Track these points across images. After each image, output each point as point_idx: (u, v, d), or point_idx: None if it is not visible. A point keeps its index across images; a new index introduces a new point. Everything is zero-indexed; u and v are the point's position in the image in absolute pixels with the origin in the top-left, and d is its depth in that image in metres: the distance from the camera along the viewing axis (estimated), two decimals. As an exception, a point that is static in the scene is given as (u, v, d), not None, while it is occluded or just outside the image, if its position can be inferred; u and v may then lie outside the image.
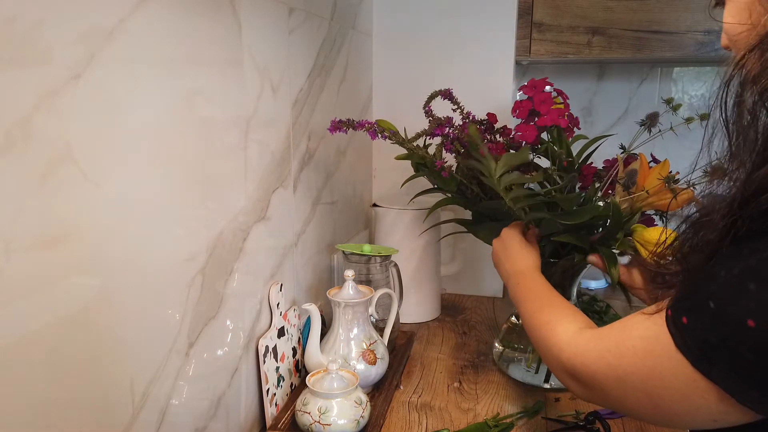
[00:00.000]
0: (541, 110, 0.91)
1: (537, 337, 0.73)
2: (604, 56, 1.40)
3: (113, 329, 0.58)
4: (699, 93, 1.79)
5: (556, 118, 0.90)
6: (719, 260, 0.47)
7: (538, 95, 0.92)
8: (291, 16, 0.95)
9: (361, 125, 0.97)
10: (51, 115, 0.49)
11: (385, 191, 1.49)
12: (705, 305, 0.46)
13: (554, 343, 0.67)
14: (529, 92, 0.93)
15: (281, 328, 0.95)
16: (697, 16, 1.35)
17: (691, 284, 0.49)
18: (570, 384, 0.64)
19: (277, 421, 0.90)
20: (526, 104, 0.93)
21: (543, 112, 0.91)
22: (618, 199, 0.90)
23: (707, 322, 0.46)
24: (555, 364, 0.67)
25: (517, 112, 0.94)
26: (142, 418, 0.63)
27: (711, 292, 0.46)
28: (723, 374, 0.46)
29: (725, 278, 0.45)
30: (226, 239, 0.78)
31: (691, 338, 0.47)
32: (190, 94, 0.69)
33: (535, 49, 1.41)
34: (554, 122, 0.90)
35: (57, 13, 0.49)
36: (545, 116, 0.91)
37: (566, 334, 0.66)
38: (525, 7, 1.39)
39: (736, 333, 0.44)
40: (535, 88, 0.93)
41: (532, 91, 0.93)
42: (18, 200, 0.46)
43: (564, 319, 0.69)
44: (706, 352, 0.46)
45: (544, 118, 0.91)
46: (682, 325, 0.48)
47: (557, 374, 0.67)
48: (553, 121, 0.90)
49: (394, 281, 1.18)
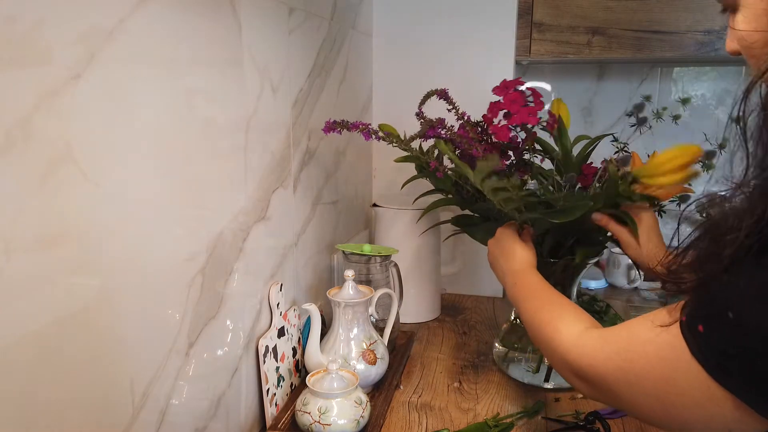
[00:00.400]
0: (511, 109, 0.92)
1: (540, 337, 0.72)
2: (604, 56, 1.40)
3: (113, 329, 0.58)
4: (699, 93, 1.79)
5: (526, 117, 0.91)
6: (739, 269, 0.46)
7: (508, 95, 0.93)
8: (291, 16, 0.95)
9: (355, 126, 0.97)
10: (51, 115, 0.49)
11: (385, 191, 1.49)
12: (723, 315, 0.45)
13: (559, 343, 0.66)
14: (500, 93, 0.94)
15: (281, 328, 0.95)
16: (697, 16, 1.35)
17: (708, 292, 0.48)
18: (578, 384, 0.63)
19: (277, 421, 0.90)
20: (499, 104, 0.94)
21: (513, 111, 0.92)
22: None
23: (725, 331, 0.45)
24: (561, 364, 0.66)
25: (488, 113, 0.96)
26: (142, 418, 0.63)
27: (730, 302, 0.45)
28: (740, 384, 0.45)
29: (745, 289, 0.44)
30: (226, 239, 0.78)
31: (707, 347, 0.46)
32: (190, 94, 0.69)
33: (535, 49, 1.41)
34: (524, 120, 0.91)
35: (57, 13, 0.49)
36: (515, 115, 0.92)
37: (571, 333, 0.65)
38: (525, 7, 1.39)
39: (755, 344, 0.43)
40: (506, 88, 0.94)
41: (502, 91, 0.94)
42: (18, 200, 0.46)
43: (567, 318, 0.68)
44: (722, 361, 0.46)
45: (515, 117, 0.92)
46: (698, 334, 0.47)
47: (563, 374, 0.66)
48: (523, 119, 0.91)
49: (394, 281, 1.18)
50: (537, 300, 0.77)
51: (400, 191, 1.17)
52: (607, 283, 1.58)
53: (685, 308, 0.50)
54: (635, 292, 1.56)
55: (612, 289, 1.56)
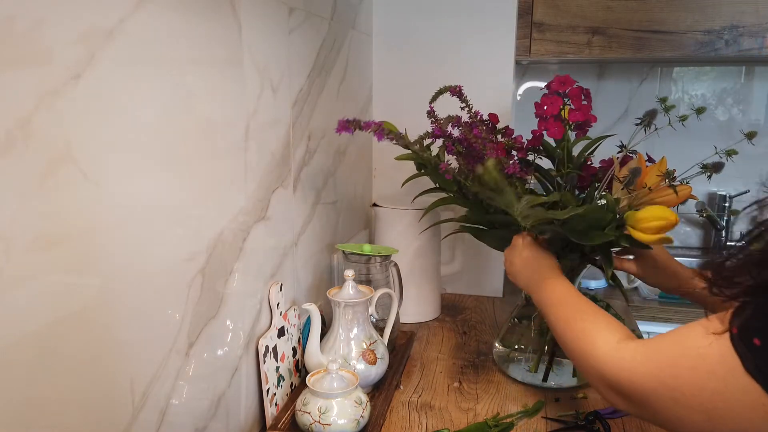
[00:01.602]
0: (575, 105, 0.89)
1: (573, 348, 0.69)
2: (604, 56, 1.40)
3: (113, 329, 0.58)
4: (699, 93, 1.79)
5: (588, 113, 0.89)
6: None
7: (573, 90, 0.90)
8: (291, 16, 0.95)
9: (368, 125, 0.96)
10: (51, 115, 0.49)
11: (385, 191, 1.49)
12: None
13: (594, 355, 0.63)
14: (561, 88, 0.90)
15: (281, 327, 0.95)
16: (697, 16, 1.35)
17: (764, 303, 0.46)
18: (614, 399, 0.61)
19: (277, 421, 0.90)
20: (557, 100, 0.90)
21: (576, 107, 0.89)
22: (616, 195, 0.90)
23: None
24: (595, 377, 0.63)
25: (545, 107, 0.91)
26: (142, 418, 0.63)
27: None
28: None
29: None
30: (226, 239, 0.78)
31: (763, 361, 0.44)
32: (190, 93, 0.69)
33: (535, 48, 1.41)
34: (587, 117, 0.89)
35: (57, 13, 0.49)
36: (577, 111, 0.89)
37: (607, 345, 0.62)
38: (525, 6, 1.40)
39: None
40: (564, 83, 0.90)
41: (562, 86, 0.90)
42: (18, 200, 0.46)
43: (602, 329, 0.65)
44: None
45: (576, 113, 0.89)
46: (754, 347, 0.45)
47: (598, 387, 0.63)
48: (586, 116, 0.89)
49: (394, 281, 1.18)
50: (569, 309, 0.74)
51: (400, 191, 1.17)
52: (607, 283, 1.58)
53: (734, 319, 0.47)
54: (635, 292, 1.57)
55: (612, 289, 1.56)
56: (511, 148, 1.00)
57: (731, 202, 1.78)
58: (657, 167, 0.88)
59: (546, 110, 0.91)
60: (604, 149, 1.02)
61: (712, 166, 0.85)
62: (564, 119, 0.90)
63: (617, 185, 0.91)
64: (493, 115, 1.04)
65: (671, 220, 0.81)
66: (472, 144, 0.93)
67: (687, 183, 0.88)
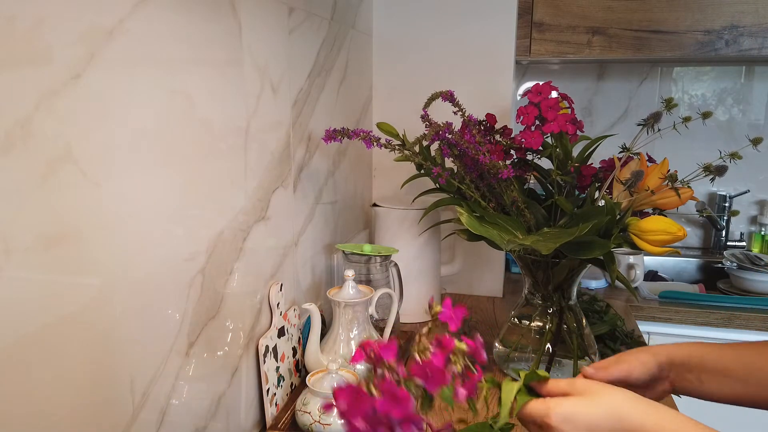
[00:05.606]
0: (548, 116, 0.89)
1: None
2: (604, 56, 1.40)
3: (113, 329, 0.58)
4: (699, 93, 1.79)
5: (564, 124, 0.89)
6: None
7: (545, 101, 0.89)
8: (291, 16, 0.95)
9: (356, 134, 0.96)
10: (51, 115, 0.49)
11: (385, 191, 1.49)
12: None
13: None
14: (535, 98, 0.90)
15: (281, 327, 0.95)
16: (697, 16, 1.36)
17: None
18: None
19: (277, 421, 0.90)
20: (532, 110, 0.90)
21: (550, 119, 0.89)
22: (617, 197, 0.90)
23: None
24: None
25: (521, 118, 0.92)
26: (142, 417, 0.63)
27: None
28: None
29: None
30: (226, 239, 0.78)
31: None
32: (190, 93, 0.69)
33: (535, 48, 1.41)
34: (562, 128, 0.89)
35: (57, 13, 0.49)
36: (552, 122, 0.89)
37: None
38: (525, 6, 1.40)
39: None
40: (540, 93, 0.90)
41: (538, 96, 0.90)
42: (18, 200, 0.46)
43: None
44: None
45: (551, 124, 0.89)
46: None
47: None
48: (561, 127, 0.88)
49: (394, 281, 1.18)
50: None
51: (400, 191, 1.17)
52: (607, 283, 1.58)
53: None
54: (635, 292, 1.57)
55: (612, 289, 1.56)
56: (509, 148, 1.00)
57: (731, 202, 1.79)
58: (659, 169, 0.88)
59: (522, 121, 0.92)
60: (604, 149, 1.02)
61: (716, 170, 0.84)
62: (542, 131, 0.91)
63: (618, 186, 0.90)
64: (491, 116, 1.04)
65: (678, 235, 0.80)
66: (464, 149, 0.93)
67: (688, 185, 0.87)
